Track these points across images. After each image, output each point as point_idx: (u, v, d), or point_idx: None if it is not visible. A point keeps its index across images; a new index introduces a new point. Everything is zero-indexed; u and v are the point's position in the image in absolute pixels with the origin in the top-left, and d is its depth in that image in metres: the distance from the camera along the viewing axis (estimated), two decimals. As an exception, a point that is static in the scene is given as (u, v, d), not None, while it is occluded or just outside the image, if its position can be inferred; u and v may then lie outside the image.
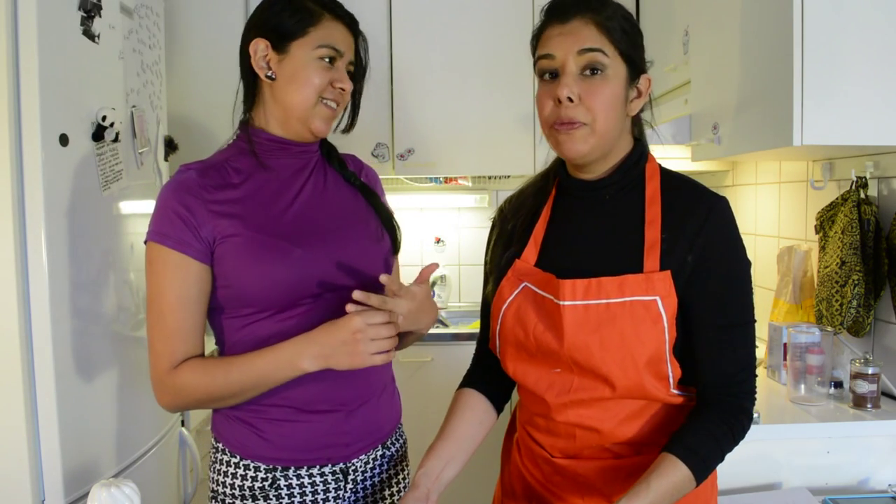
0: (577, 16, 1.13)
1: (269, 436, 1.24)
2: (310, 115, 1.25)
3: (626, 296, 1.12)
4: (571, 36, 1.12)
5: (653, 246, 1.14)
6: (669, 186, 1.18)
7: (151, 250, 1.20)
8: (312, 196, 1.30)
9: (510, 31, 2.94)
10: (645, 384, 1.13)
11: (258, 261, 1.20)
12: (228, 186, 1.24)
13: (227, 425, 1.27)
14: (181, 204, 1.19)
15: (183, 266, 1.19)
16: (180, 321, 1.19)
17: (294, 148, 1.30)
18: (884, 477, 1.72)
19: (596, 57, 1.11)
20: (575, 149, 1.14)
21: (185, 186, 1.21)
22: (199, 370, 1.19)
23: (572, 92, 1.11)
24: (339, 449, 1.27)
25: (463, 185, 3.33)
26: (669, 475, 1.08)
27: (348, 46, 1.28)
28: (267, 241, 1.21)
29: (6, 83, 1.34)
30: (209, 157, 1.29)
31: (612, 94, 1.12)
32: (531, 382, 1.21)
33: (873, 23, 1.58)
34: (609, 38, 1.12)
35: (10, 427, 1.38)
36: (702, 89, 2.12)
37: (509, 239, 1.28)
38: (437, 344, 2.82)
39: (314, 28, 1.24)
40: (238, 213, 1.22)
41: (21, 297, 1.38)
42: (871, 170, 1.87)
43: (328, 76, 1.24)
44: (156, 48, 1.91)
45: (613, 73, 1.12)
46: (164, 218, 1.20)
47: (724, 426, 1.12)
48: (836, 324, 1.87)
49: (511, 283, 1.24)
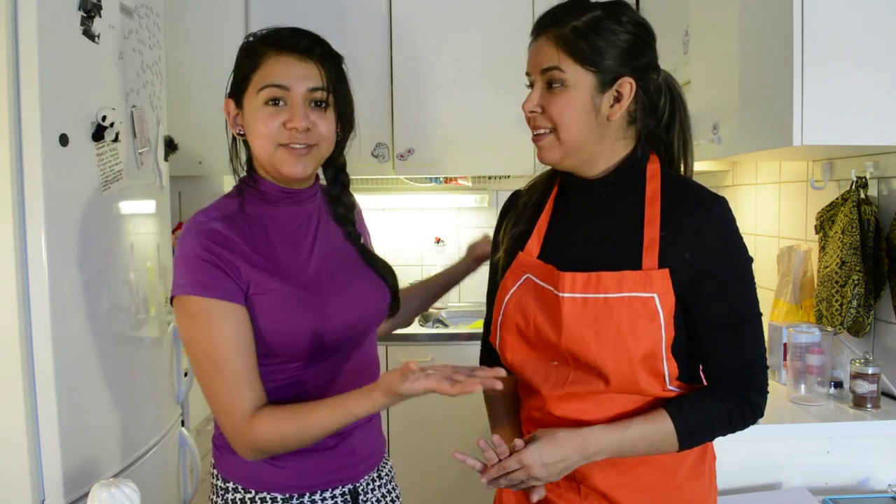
0: (541, 34, 1.19)
1: (284, 464, 1.24)
2: (274, 162, 1.20)
3: (625, 291, 1.13)
4: (537, 55, 1.19)
5: (651, 244, 1.15)
6: (670, 187, 1.19)
7: (192, 304, 1.15)
8: (322, 245, 1.29)
9: (510, 31, 2.94)
10: (639, 380, 1.14)
11: (294, 316, 1.19)
12: (252, 238, 1.21)
13: (241, 463, 1.24)
14: (213, 254, 1.16)
15: (232, 313, 1.15)
16: (241, 368, 1.15)
17: (300, 195, 1.28)
18: (884, 477, 1.72)
19: (553, 74, 1.16)
20: (545, 156, 1.21)
21: (211, 236, 1.17)
22: (275, 420, 1.14)
23: (534, 106, 1.18)
24: (348, 470, 1.29)
25: (463, 185, 3.33)
26: (653, 423, 1.13)
27: (303, 76, 1.19)
28: (301, 295, 1.21)
29: (6, 83, 1.34)
30: (219, 204, 1.26)
31: (572, 103, 1.15)
32: (528, 373, 1.23)
33: (873, 23, 1.58)
34: (567, 51, 1.14)
35: (10, 427, 1.38)
36: (702, 89, 2.13)
37: (520, 214, 1.31)
38: (438, 344, 2.82)
39: (255, 72, 1.20)
40: (267, 266, 1.20)
41: (21, 297, 1.37)
42: (871, 170, 1.87)
43: (278, 119, 1.18)
44: (156, 48, 1.91)
45: (574, 84, 1.14)
46: (199, 269, 1.15)
47: (724, 407, 1.15)
48: (836, 324, 1.87)
49: (514, 274, 1.26)
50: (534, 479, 1.12)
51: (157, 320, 1.87)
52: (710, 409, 1.15)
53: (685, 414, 1.14)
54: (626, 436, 1.13)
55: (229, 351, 1.14)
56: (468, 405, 2.84)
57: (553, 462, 1.11)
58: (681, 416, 1.14)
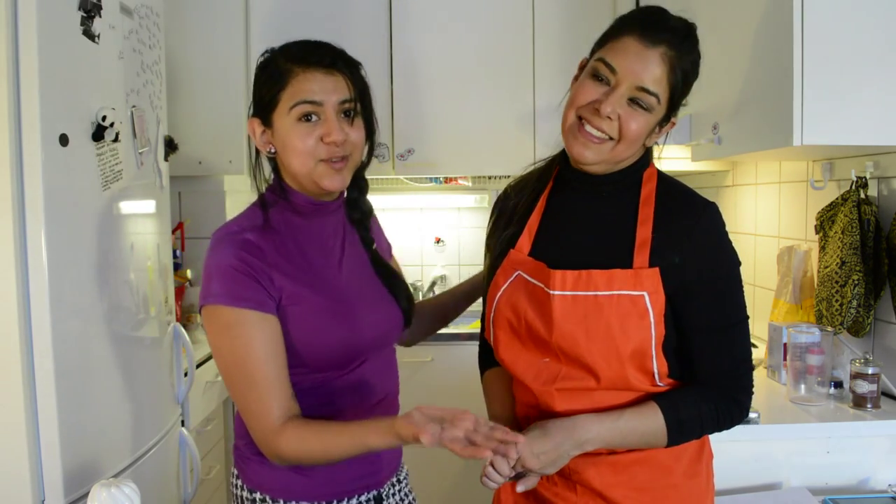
0: (659, 45, 1.13)
1: (312, 474, 1.25)
2: (314, 177, 1.22)
3: (615, 289, 1.14)
4: (642, 64, 1.12)
5: (643, 244, 1.16)
6: (664, 190, 1.21)
7: (225, 314, 1.16)
8: (350, 256, 1.31)
9: (510, 31, 2.94)
10: (628, 376, 1.15)
11: (327, 326, 1.21)
12: (283, 250, 1.22)
13: (268, 473, 1.26)
14: (247, 264, 1.16)
15: (265, 323, 1.16)
16: (273, 377, 1.16)
17: (327, 207, 1.30)
18: (884, 477, 1.72)
19: (648, 98, 1.13)
20: (590, 157, 1.17)
21: (244, 247, 1.18)
22: (302, 436, 1.15)
23: (614, 112, 1.14)
24: (373, 476, 1.31)
25: (463, 185, 3.33)
26: (644, 416, 1.15)
27: (332, 90, 1.20)
28: (334, 306, 1.23)
29: (6, 83, 1.34)
30: (248, 215, 1.26)
31: (646, 126, 1.16)
32: (520, 370, 1.23)
33: (873, 23, 1.58)
34: (670, 82, 1.14)
35: (10, 427, 1.38)
36: (702, 89, 2.11)
37: (510, 217, 1.32)
38: (438, 344, 2.82)
39: (285, 90, 1.20)
40: (299, 276, 1.21)
41: (21, 297, 1.37)
42: (871, 170, 1.87)
43: (314, 135, 1.19)
44: (156, 48, 1.91)
45: (656, 112, 1.16)
46: (232, 279, 1.16)
47: (712, 405, 1.16)
48: (836, 324, 1.87)
49: (505, 272, 1.27)
50: (528, 470, 1.13)
51: (157, 320, 1.87)
52: (700, 407, 1.16)
53: (676, 409, 1.15)
54: (617, 425, 1.14)
55: (261, 361, 1.15)
56: (472, 403, 2.84)
57: (545, 451, 1.12)
58: (672, 411, 1.15)
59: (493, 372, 1.38)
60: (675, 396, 1.17)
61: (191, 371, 2.07)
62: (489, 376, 1.39)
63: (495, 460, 1.09)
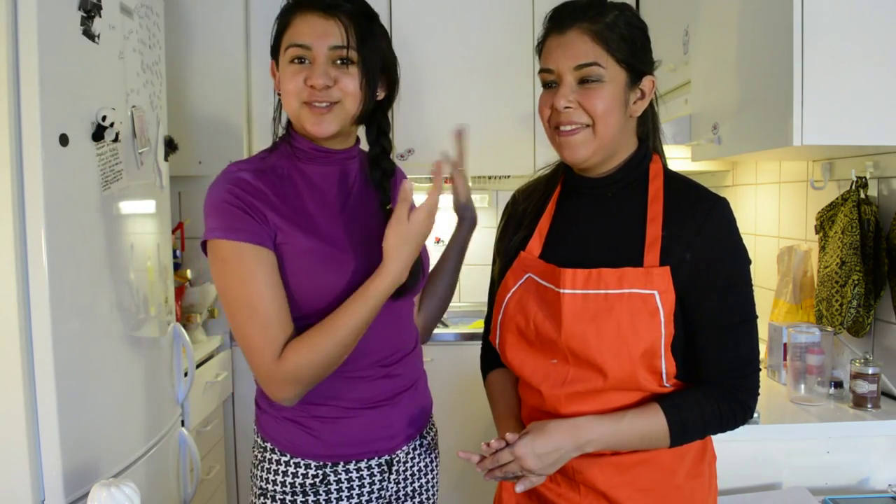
0: (573, 27, 1.15)
1: (319, 433, 1.26)
2: (300, 120, 1.23)
3: (625, 288, 1.14)
4: (568, 49, 1.15)
5: (653, 242, 1.15)
6: (672, 186, 1.20)
7: (222, 247, 1.17)
8: (357, 206, 1.30)
9: (510, 30, 2.94)
10: (638, 376, 1.15)
11: (316, 271, 1.21)
12: (282, 191, 1.23)
13: (276, 425, 1.28)
14: (241, 199, 1.18)
15: (262, 255, 1.17)
16: (275, 309, 1.16)
17: (335, 156, 1.30)
18: (884, 477, 1.72)
19: (591, 70, 1.14)
20: (576, 153, 1.17)
21: (240, 184, 1.19)
22: (304, 347, 1.16)
23: (569, 101, 1.15)
24: (385, 441, 1.30)
25: (463, 185, 3.33)
26: (647, 418, 1.14)
27: (323, 35, 1.19)
28: (326, 250, 1.22)
29: (6, 83, 1.34)
30: (253, 159, 1.28)
31: (610, 97, 1.14)
32: (528, 372, 1.23)
33: (873, 23, 1.58)
34: (605, 47, 1.13)
35: (10, 427, 1.38)
36: (702, 89, 2.13)
37: (519, 222, 1.32)
38: (438, 344, 2.82)
39: (285, 32, 1.22)
40: (293, 217, 1.22)
41: (21, 297, 1.38)
42: (871, 170, 1.87)
43: (300, 77, 1.20)
44: (156, 48, 1.91)
45: (611, 79, 1.14)
46: (227, 214, 1.17)
47: (716, 406, 1.16)
48: (836, 324, 1.87)
49: (515, 274, 1.27)
50: (528, 471, 1.12)
51: (157, 320, 1.87)
52: (703, 408, 1.15)
53: (679, 410, 1.14)
54: (618, 427, 1.13)
55: (261, 292, 1.16)
56: (472, 403, 2.84)
57: (545, 452, 1.11)
58: (674, 413, 1.14)
59: (496, 374, 1.38)
60: (678, 398, 1.16)
61: (191, 371, 2.07)
62: (493, 379, 1.38)
63: (495, 472, 1.13)
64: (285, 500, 1.26)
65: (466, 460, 1.15)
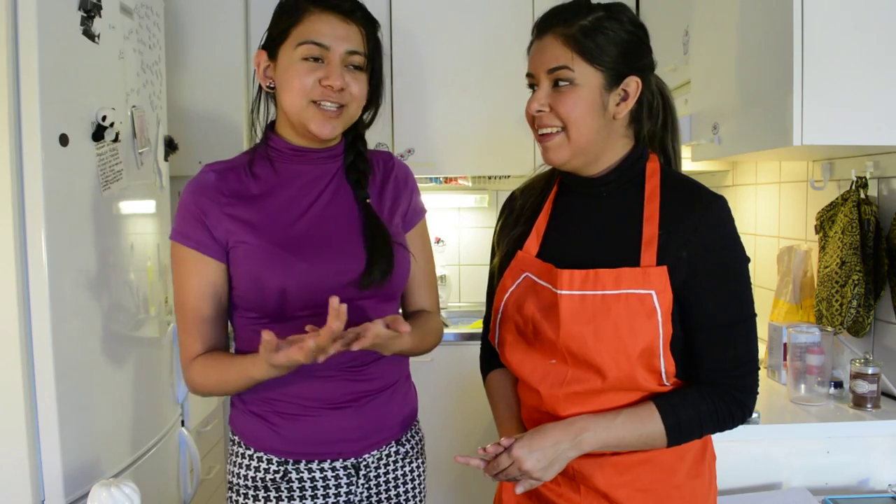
0: (548, 32, 1.18)
1: (280, 429, 1.26)
2: (303, 119, 1.21)
3: (623, 288, 1.13)
4: (543, 54, 1.18)
5: (650, 241, 1.15)
6: (669, 185, 1.20)
7: (174, 249, 1.26)
8: (328, 206, 1.29)
9: (510, 31, 2.94)
10: (636, 376, 1.15)
11: (261, 271, 1.22)
12: (244, 191, 1.26)
13: (242, 419, 1.30)
14: (197, 205, 1.23)
15: (200, 264, 1.23)
16: (197, 317, 1.24)
17: (313, 155, 1.29)
18: (884, 477, 1.72)
19: (561, 73, 1.15)
20: (553, 157, 1.20)
21: (202, 188, 1.25)
22: (204, 369, 1.25)
23: (542, 105, 1.17)
24: (349, 444, 1.28)
25: (463, 185, 3.33)
26: (642, 417, 1.14)
27: (343, 38, 1.20)
28: (274, 251, 1.22)
29: (6, 83, 1.34)
30: (233, 158, 1.31)
31: (581, 100, 1.15)
32: (526, 373, 1.23)
33: (873, 23, 1.58)
34: (576, 49, 1.14)
35: (10, 427, 1.38)
36: (702, 89, 2.12)
37: (517, 218, 1.32)
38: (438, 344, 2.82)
39: (296, 26, 1.20)
40: (250, 219, 1.24)
41: (21, 297, 1.38)
42: (871, 170, 1.87)
43: (313, 76, 1.19)
44: (156, 48, 1.91)
45: (584, 82, 1.15)
46: (183, 217, 1.24)
47: (712, 405, 1.16)
48: (836, 324, 1.87)
49: (513, 273, 1.27)
50: (526, 472, 1.12)
51: (157, 320, 1.87)
52: (700, 407, 1.15)
53: (675, 410, 1.14)
54: (614, 425, 1.14)
55: (190, 298, 1.24)
56: (472, 403, 2.84)
57: (541, 448, 1.11)
58: (670, 412, 1.14)
59: (496, 374, 1.38)
60: (674, 397, 1.16)
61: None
62: (493, 379, 1.38)
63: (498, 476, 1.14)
64: (248, 495, 1.27)
65: (464, 465, 1.15)
